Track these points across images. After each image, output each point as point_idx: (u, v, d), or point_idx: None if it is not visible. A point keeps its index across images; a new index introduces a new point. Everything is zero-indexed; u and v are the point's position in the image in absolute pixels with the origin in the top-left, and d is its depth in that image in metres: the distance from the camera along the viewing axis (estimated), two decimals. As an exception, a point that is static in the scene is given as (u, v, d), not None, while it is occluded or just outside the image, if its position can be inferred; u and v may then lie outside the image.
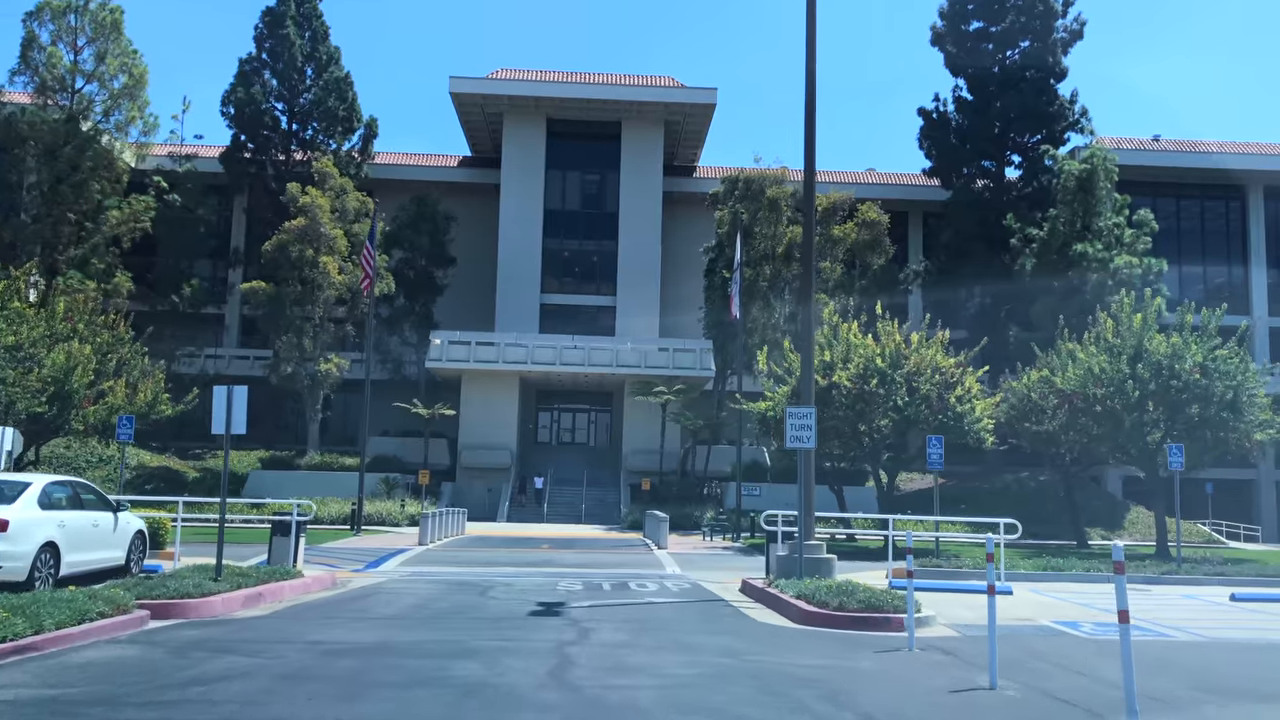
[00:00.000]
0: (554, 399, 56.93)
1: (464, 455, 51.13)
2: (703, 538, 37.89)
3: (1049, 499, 47.36)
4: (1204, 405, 30.51)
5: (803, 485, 17.18)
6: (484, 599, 16.76)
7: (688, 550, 31.79)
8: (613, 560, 27.49)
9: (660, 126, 57.68)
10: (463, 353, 50.63)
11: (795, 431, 16.92)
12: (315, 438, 53.04)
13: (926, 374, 31.01)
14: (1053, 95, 54.00)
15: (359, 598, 16.79)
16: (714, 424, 49.15)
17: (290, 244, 50.23)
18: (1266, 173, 56.60)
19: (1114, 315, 32.68)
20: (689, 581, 21.32)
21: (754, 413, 34.91)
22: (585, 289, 58.43)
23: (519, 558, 27.67)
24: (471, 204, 59.99)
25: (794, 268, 49.18)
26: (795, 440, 16.94)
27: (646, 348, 51.09)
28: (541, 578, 21.61)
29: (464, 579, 21.01)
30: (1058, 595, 18.25)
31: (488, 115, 58.38)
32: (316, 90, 57.12)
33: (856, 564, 24.39)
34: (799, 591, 15.33)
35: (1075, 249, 47.99)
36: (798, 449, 17.10)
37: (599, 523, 46.44)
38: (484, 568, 24.50)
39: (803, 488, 17.16)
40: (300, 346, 50.81)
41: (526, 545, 33.12)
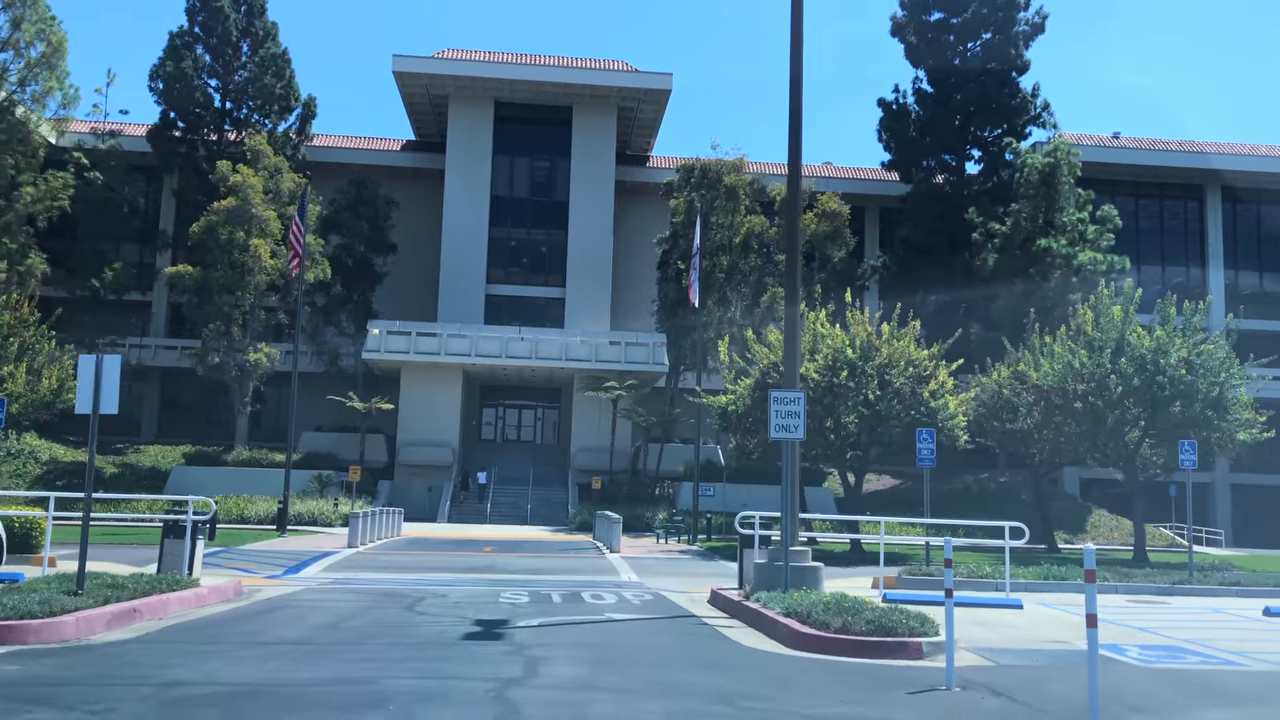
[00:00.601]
0: (499, 394, 53.93)
1: (403, 452, 47.97)
2: (656, 540, 35.24)
3: (1010, 500, 45.40)
4: (1187, 403, 28.49)
5: (788, 483, 14.56)
6: (411, 615, 13.91)
7: (641, 554, 29.11)
8: (562, 565, 24.72)
9: (613, 113, 54.96)
10: (402, 344, 47.46)
11: (781, 420, 14.31)
12: (244, 432, 49.56)
13: (900, 366, 28.63)
14: (1014, 88, 52.21)
15: (260, 613, 13.86)
16: (666, 421, 46.53)
17: (219, 226, 46.77)
18: (1225, 172, 55.32)
19: (1093, 308, 30.56)
20: (649, 591, 18.63)
21: (713, 408, 32.31)
22: (533, 280, 55.48)
23: (458, 562, 24.79)
24: (415, 190, 56.80)
25: (752, 259, 46.80)
26: (781, 430, 14.33)
27: (597, 341, 48.31)
28: (482, 586, 18.79)
29: (392, 588, 18.13)
30: (1073, 610, 15.83)
31: (432, 97, 55.22)
32: (252, 67, 53.60)
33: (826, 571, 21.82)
34: (787, 608, 12.71)
35: (1039, 244, 46.13)
36: (783, 440, 14.49)
37: (545, 524, 43.59)
38: (417, 574, 21.61)
39: (788, 485, 14.54)
40: (229, 335, 47.36)
41: (467, 548, 30.22)
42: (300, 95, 54.95)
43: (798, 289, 16.58)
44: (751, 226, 46.26)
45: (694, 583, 20.89)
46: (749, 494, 43.61)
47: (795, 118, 16.36)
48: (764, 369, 29.94)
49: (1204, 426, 28.77)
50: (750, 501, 43.67)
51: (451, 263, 53.91)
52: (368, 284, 52.71)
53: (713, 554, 29.47)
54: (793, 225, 16.62)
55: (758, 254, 46.89)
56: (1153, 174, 55.75)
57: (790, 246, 16.61)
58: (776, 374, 29.42)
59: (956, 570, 18.57)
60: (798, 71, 16.32)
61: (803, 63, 16.52)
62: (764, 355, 30.42)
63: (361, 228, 52.35)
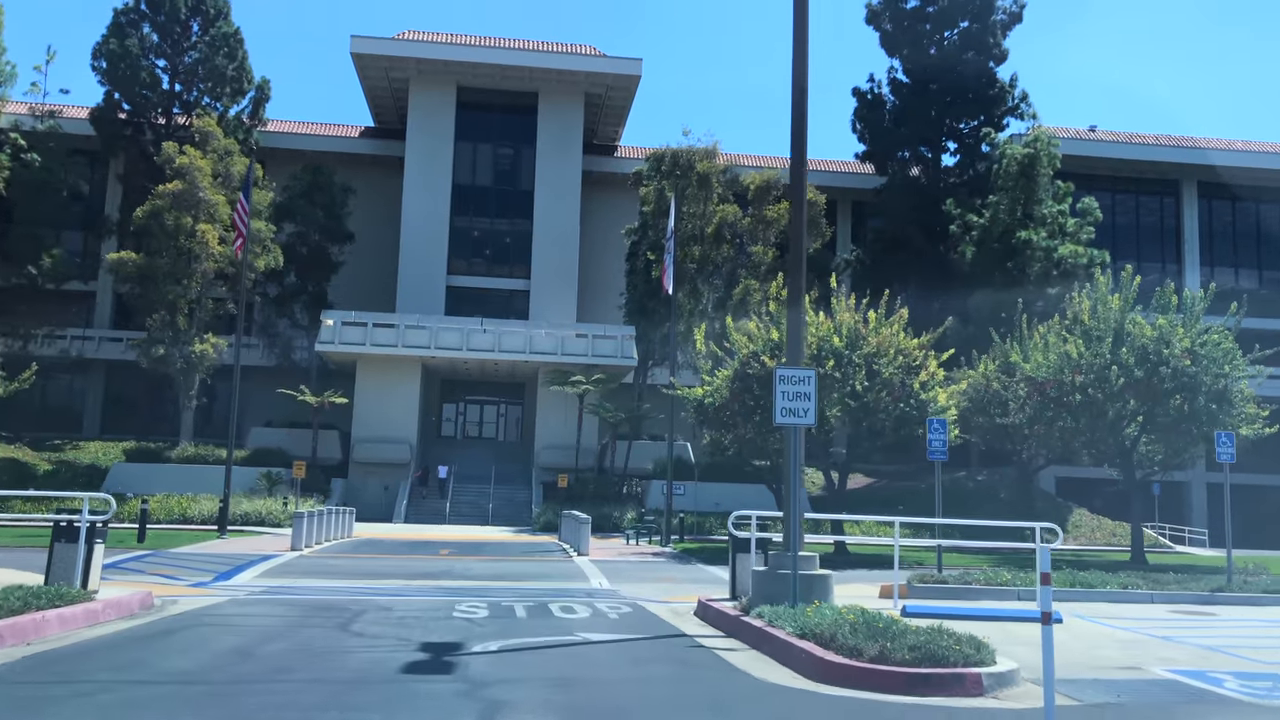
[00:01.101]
0: (460, 389, 51.20)
1: (358, 449, 45.14)
2: (626, 541, 32.81)
3: (988, 499, 43.45)
4: (1190, 396, 26.52)
5: (794, 477, 12.17)
6: (345, 636, 11.36)
7: (611, 556, 26.64)
8: (526, 570, 22.21)
9: (580, 99, 52.43)
10: (358, 335, 44.63)
11: (788, 402, 11.92)
12: (190, 427, 46.52)
13: (889, 355, 26.38)
14: (992, 79, 50.35)
15: (159, 635, 11.25)
16: (635, 417, 44.07)
17: (165, 211, 43.80)
18: (1201, 167, 53.82)
19: (1090, 296, 28.54)
20: (625, 600, 16.20)
21: (688, 401, 29.90)
22: (497, 271, 52.79)
23: (411, 567, 22.21)
24: (373, 178, 53.97)
25: (725, 249, 44.48)
26: (788, 414, 11.94)
27: (563, 333, 45.77)
28: (435, 596, 16.27)
29: (331, 599, 15.57)
30: (1112, 621, 13.58)
31: (392, 81, 52.41)
32: (202, 47, 50.51)
33: None
34: (801, 627, 10.32)
35: (1019, 236, 44.28)
36: (790, 426, 12.11)
37: (508, 524, 41.00)
38: (364, 581, 19.04)
39: (794, 480, 12.15)
40: (174, 325, 44.27)
41: (423, 550, 27.61)
42: (254, 78, 51.94)
43: (802, 288, 14.28)
44: (724, 216, 43.94)
45: (674, 590, 18.47)
46: (721, 493, 41.32)
47: (800, 118, 14.16)
48: (744, 358, 27.59)
49: (1207, 421, 26.83)
50: (723, 500, 41.37)
51: (411, 253, 51.14)
52: (323, 274, 49.85)
53: (688, 557, 27.08)
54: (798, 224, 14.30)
55: (730, 244, 44.56)
56: (1129, 168, 54.13)
57: (795, 240, 14.27)
58: (757, 364, 27.11)
59: (971, 578, 16.30)
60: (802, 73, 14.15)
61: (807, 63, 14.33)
62: (743, 344, 28.08)
63: (316, 215, 49.48)
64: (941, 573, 16.65)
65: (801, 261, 14.08)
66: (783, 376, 11.96)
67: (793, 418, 11.94)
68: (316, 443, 45.22)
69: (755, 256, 44.73)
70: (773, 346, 27.25)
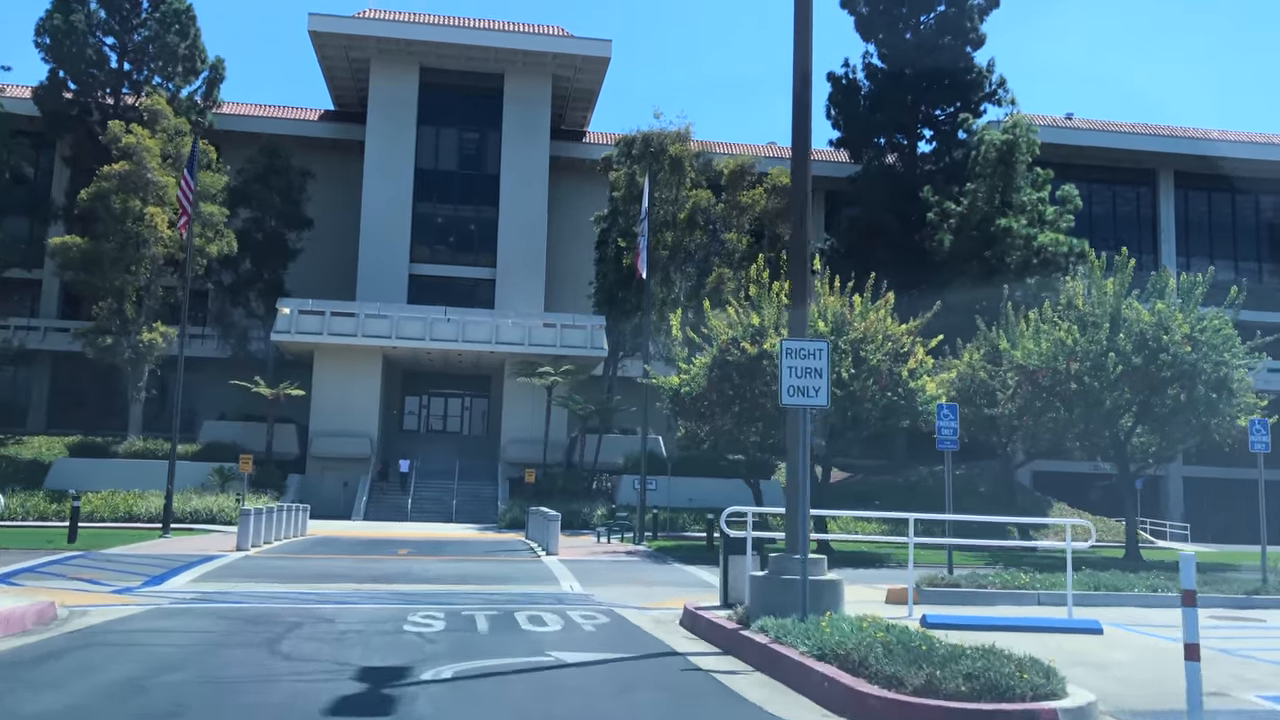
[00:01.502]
0: (423, 382, 49.05)
1: (316, 443, 42.90)
2: (597, 539, 30.94)
3: (967, 494, 41.90)
4: (1189, 385, 25.03)
5: (801, 467, 10.34)
6: (268, 660, 9.41)
7: (582, 555, 24.76)
8: (490, 572, 20.28)
9: (548, 81, 50.38)
10: (316, 324, 42.38)
11: (796, 379, 10.09)
12: (139, 421, 44.03)
13: (877, 341, 24.69)
14: (969, 64, 48.85)
15: (41, 659, 9.24)
16: (605, 409, 42.15)
17: (112, 193, 41.29)
18: (1178, 156, 52.72)
19: (1086, 278, 27.01)
20: (601, 608, 14.34)
21: (663, 391, 28.06)
22: (461, 259, 50.63)
23: (365, 569, 20.20)
24: (333, 163, 51.61)
25: (698, 236, 42.67)
26: (796, 394, 10.11)
27: (531, 323, 43.76)
28: (386, 604, 14.34)
29: (267, 608, 13.58)
30: (1156, 631, 11.89)
31: (352, 61, 50.10)
32: (153, 24, 47.91)
33: None
34: (819, 646, 8.52)
35: (998, 224, 42.83)
36: (798, 407, 10.29)
37: (473, 521, 38.99)
38: (310, 585, 17.05)
39: (801, 471, 10.31)
40: (121, 314, 41.80)
41: (380, 550, 25.60)
42: (207, 57, 49.41)
43: (807, 287, 12.52)
44: (697, 201, 42.10)
45: (653, 594, 16.64)
46: (695, 488, 39.60)
47: (803, 109, 12.29)
48: (722, 345, 25.81)
49: (1206, 411, 25.38)
50: (696, 496, 39.62)
51: (372, 240, 48.89)
52: (280, 261, 47.49)
53: (664, 556, 25.24)
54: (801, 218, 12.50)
55: (703, 231, 42.74)
56: (1106, 157, 52.89)
57: (798, 236, 12.48)
58: (737, 350, 25.34)
59: (984, 580, 14.57)
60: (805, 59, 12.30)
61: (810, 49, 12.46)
62: (722, 330, 26.29)
63: (273, 200, 47.14)
64: (952, 574, 14.90)
65: (805, 259, 12.28)
66: (790, 349, 10.12)
67: (801, 398, 10.11)
68: (272, 437, 42.97)
69: (729, 244, 42.98)
70: (753, 332, 25.49)
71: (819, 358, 10.13)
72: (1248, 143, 52.98)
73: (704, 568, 21.92)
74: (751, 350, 24.86)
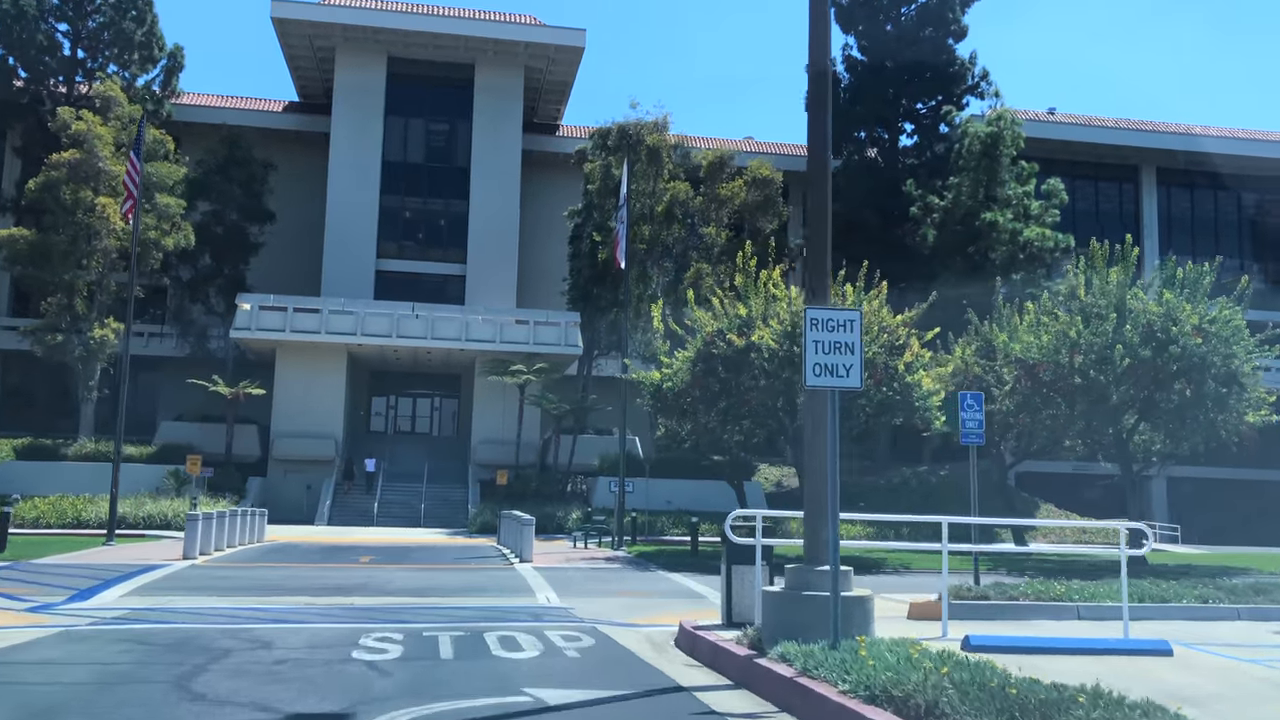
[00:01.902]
0: (391, 382, 46.95)
1: (278, 445, 40.72)
2: (573, 544, 29.05)
3: (953, 496, 40.43)
4: (1198, 379, 23.51)
5: (830, 461, 8.52)
6: (175, 702, 7.48)
7: (558, 563, 22.87)
8: (458, 582, 18.36)
9: (520, 72, 48.47)
10: (277, 320, 40.22)
11: (823, 356, 8.31)
12: (90, 422, 41.65)
13: (873, 332, 22.99)
14: (951, 56, 47.47)
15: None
16: (580, 409, 40.27)
17: (62, 183, 39.03)
18: (1161, 152, 51.57)
19: (1090, 268, 25.45)
20: (583, 625, 12.49)
21: (644, 386, 26.22)
22: (430, 255, 48.57)
23: (321, 580, 18.22)
24: (297, 156, 49.46)
25: (676, 230, 40.90)
26: (823, 373, 8.31)
27: (502, 320, 41.81)
28: (338, 623, 12.43)
29: (199, 629, 11.65)
30: (1235, 654, 10.18)
31: (317, 50, 47.97)
32: (108, 9, 45.63)
33: None
34: (865, 684, 6.72)
35: (984, 218, 41.44)
36: (826, 389, 8.49)
37: (442, 525, 37.01)
38: (256, 600, 15.10)
39: (830, 466, 8.49)
40: (72, 309, 39.48)
41: (341, 557, 23.60)
42: (165, 44, 47.22)
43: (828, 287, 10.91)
44: (675, 193, 40.34)
45: (640, 608, 14.81)
46: (674, 490, 37.77)
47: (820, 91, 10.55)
48: (707, 337, 24.02)
49: (1215, 406, 23.87)
50: (675, 498, 37.78)
51: (337, 235, 46.74)
52: (241, 256, 45.28)
53: (646, 562, 23.38)
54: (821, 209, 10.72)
55: (681, 224, 40.98)
56: (1089, 152, 51.66)
57: (816, 231, 10.74)
58: (723, 343, 23.55)
59: (1014, 591, 12.83)
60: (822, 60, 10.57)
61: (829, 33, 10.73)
62: (707, 322, 24.51)
63: (233, 192, 44.94)
64: (979, 584, 13.16)
65: (825, 253, 10.52)
66: (815, 320, 8.33)
67: (830, 378, 8.31)
68: (232, 438, 40.73)
69: (708, 238, 41.23)
70: (740, 323, 23.72)
71: (850, 330, 8.34)
72: (1231, 138, 51.94)
73: (690, 575, 20.12)
74: (739, 342, 23.09)
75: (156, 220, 40.28)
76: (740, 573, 10.83)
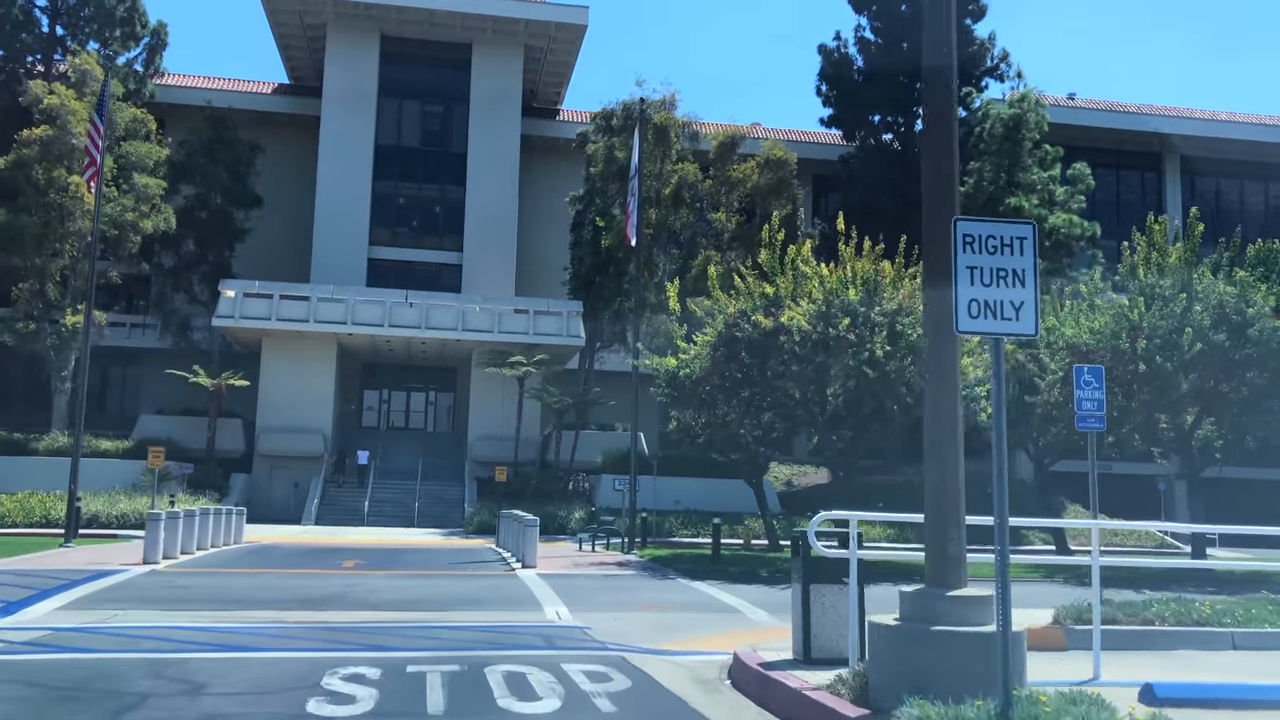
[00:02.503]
0: (384, 374, 44.20)
1: (264, 440, 37.96)
2: (579, 547, 26.35)
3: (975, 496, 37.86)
4: (1275, 366, 20.92)
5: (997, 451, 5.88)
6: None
7: (565, 569, 20.17)
8: (453, 594, 15.67)
9: (519, 52, 45.75)
10: (263, 308, 37.44)
11: (981, 290, 5.68)
12: (64, 415, 38.80)
13: (917, 314, 20.34)
14: (969, 36, 44.72)
15: None
16: (583, 402, 37.55)
17: (34, 162, 36.29)
18: (1184, 139, 48.98)
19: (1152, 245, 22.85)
20: (607, 653, 9.85)
21: (658, 374, 23.52)
22: (425, 242, 45.80)
23: (294, 590, 15.53)
24: (287, 140, 46.67)
25: (684, 214, 38.22)
26: (983, 315, 5.68)
27: (500, 309, 39.08)
28: (300, 651, 9.77)
29: (114, 662, 8.98)
30: None
31: (308, 29, 45.21)
32: (88, -17, 42.77)
33: None
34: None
35: (1008, 203, 38.73)
36: (988, 335, 5.88)
37: (436, 525, 34.32)
38: (212, 615, 12.47)
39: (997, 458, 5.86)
40: (44, 296, 36.71)
41: (324, 561, 20.90)
42: (148, 21, 44.27)
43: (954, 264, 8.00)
44: (684, 175, 37.66)
45: (670, 627, 12.17)
46: (682, 489, 35.11)
47: None
48: (729, 319, 21.34)
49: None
50: (684, 498, 35.08)
51: (327, 221, 43.97)
52: (226, 242, 42.48)
53: (662, 569, 20.69)
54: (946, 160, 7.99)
55: (690, 209, 38.30)
56: (1111, 139, 49.08)
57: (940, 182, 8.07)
58: (748, 324, 20.89)
59: (1146, 613, 10.16)
60: None
61: None
62: (729, 302, 21.85)
63: (219, 175, 42.14)
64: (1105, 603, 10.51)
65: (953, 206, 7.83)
66: (970, 235, 5.71)
67: (992, 320, 5.68)
68: (214, 432, 37.96)
69: (717, 224, 38.55)
70: (768, 303, 21.07)
71: (1020, 251, 5.70)
72: (1258, 125, 49.42)
73: (716, 585, 17.46)
74: (766, 324, 20.42)
75: (135, 201, 37.56)
76: (822, 594, 8.16)
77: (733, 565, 21.45)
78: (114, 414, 45.36)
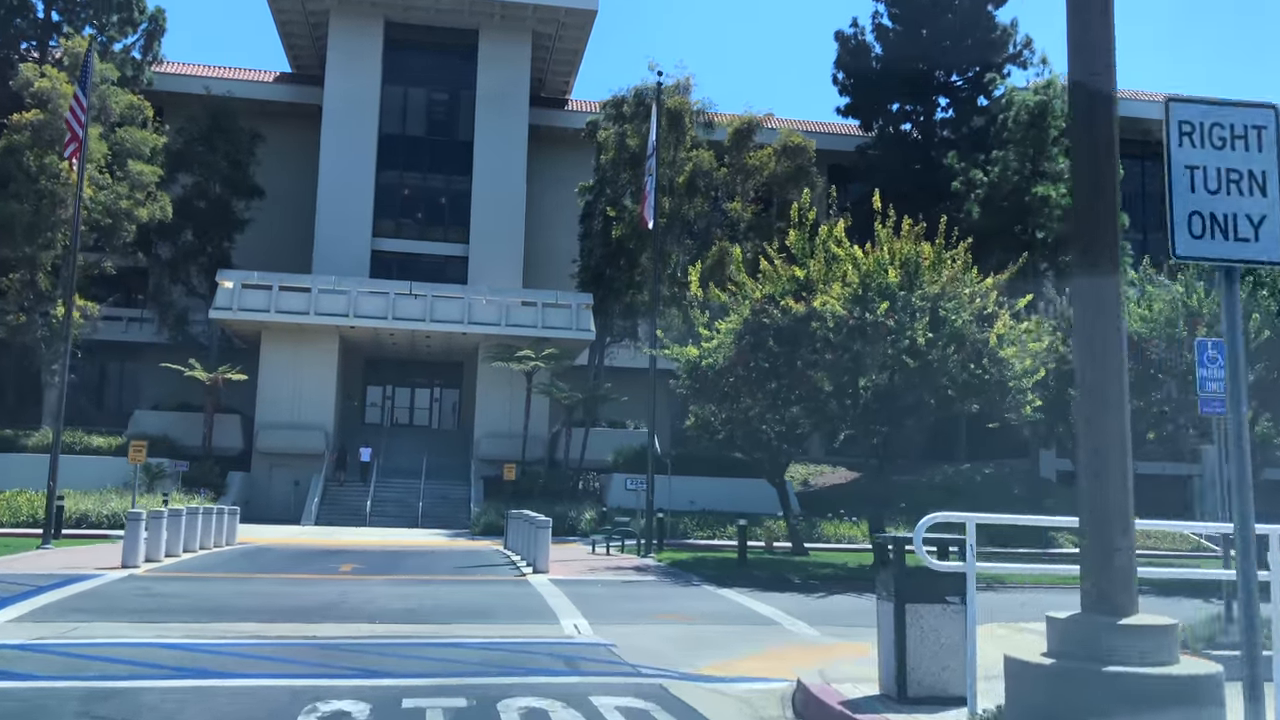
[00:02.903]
0: (387, 369, 42.55)
1: (262, 436, 36.34)
2: (591, 549, 24.65)
3: (1001, 495, 36.15)
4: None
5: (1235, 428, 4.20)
6: None
7: (580, 573, 18.47)
8: (459, 602, 13.99)
9: (527, 38, 44.07)
10: (262, 300, 35.83)
11: (1206, 200, 3.99)
12: (55, 410, 36.95)
13: (961, 298, 18.63)
14: (990, 22, 43.16)
15: None
16: (593, 398, 35.85)
17: (25, 148, 34.65)
18: (1211, 130, 47.21)
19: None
20: (641, 679, 8.19)
21: (679, 364, 21.85)
22: (430, 234, 44.10)
23: (282, 598, 13.86)
24: (290, 129, 44.99)
25: (699, 203, 36.55)
26: (1212, 232, 4.00)
27: (508, 301, 37.41)
28: (277, 678, 8.12)
29: (41, 697, 7.29)
30: None
31: (310, 15, 43.58)
32: (84, -32, 41.17)
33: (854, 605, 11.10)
34: None
35: (1035, 192, 37.10)
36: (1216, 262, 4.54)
37: (441, 526, 32.67)
38: (182, 631, 10.80)
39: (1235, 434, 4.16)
40: (35, 286, 35.10)
41: (318, 565, 19.23)
42: (146, 6, 42.66)
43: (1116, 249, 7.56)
44: (698, 163, 35.99)
45: (705, 643, 10.49)
46: (696, 488, 33.37)
47: None
48: (756, 304, 19.65)
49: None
50: (699, 498, 33.34)
51: (330, 212, 42.32)
52: (225, 232, 40.83)
53: (684, 574, 18.99)
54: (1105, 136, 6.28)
55: (704, 197, 36.64)
56: (1136, 128, 47.20)
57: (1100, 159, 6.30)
58: (776, 310, 19.19)
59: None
60: None
61: None
62: (755, 287, 20.16)
63: (218, 164, 40.49)
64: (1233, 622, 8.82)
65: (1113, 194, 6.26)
66: (1187, 123, 4.14)
67: (1222, 241, 3.96)
68: (211, 429, 36.34)
69: (733, 214, 36.88)
70: (798, 286, 19.38)
71: (1262, 144, 4.00)
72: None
73: (746, 593, 15.77)
74: (798, 309, 18.73)
75: (129, 189, 35.95)
76: (921, 615, 6.46)
77: (758, 570, 19.78)
78: (111, 410, 43.77)
